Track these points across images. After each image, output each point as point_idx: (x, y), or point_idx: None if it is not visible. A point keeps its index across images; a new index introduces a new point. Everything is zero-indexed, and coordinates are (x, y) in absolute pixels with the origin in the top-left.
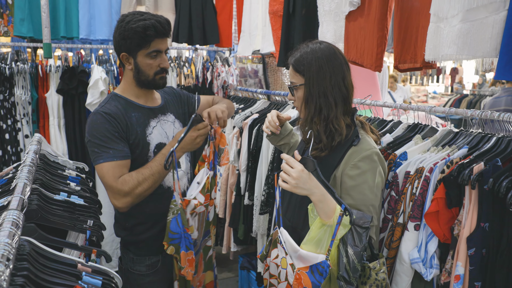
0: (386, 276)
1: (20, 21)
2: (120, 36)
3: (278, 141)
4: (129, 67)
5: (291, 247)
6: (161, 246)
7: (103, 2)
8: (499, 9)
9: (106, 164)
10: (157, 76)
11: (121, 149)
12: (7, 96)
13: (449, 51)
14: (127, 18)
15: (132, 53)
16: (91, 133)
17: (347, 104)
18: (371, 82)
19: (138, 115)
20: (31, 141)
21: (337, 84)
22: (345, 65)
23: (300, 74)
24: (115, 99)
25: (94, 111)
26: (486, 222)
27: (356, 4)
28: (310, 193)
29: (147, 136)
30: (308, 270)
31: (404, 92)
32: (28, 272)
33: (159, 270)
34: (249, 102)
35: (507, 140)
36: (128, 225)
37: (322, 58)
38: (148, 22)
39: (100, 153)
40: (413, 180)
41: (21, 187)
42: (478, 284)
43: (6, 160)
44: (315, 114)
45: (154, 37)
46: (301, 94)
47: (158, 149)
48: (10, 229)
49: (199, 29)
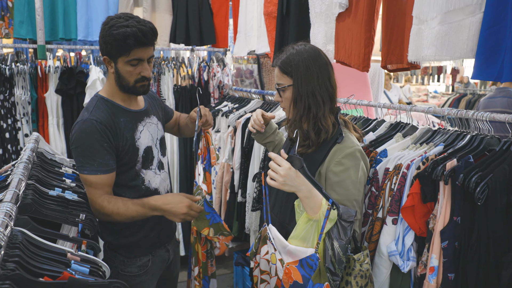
0: (369, 267)
1: (19, 23)
2: (102, 39)
3: (264, 139)
4: (111, 71)
5: (280, 243)
6: (151, 246)
7: (101, 4)
8: (475, 12)
9: (90, 177)
10: (137, 84)
11: (105, 162)
12: (7, 96)
13: (429, 52)
14: (111, 22)
15: (113, 58)
16: (79, 141)
17: (333, 102)
18: (362, 82)
19: (126, 120)
20: (29, 139)
21: (324, 83)
22: (329, 64)
23: (288, 76)
24: (103, 103)
25: (85, 118)
26: (458, 216)
27: (344, 6)
28: (297, 190)
29: (136, 141)
30: (298, 264)
31: (399, 91)
32: (19, 258)
33: (150, 269)
34: (243, 102)
35: (480, 137)
36: (117, 228)
37: (309, 59)
38: (129, 30)
39: (84, 163)
40: (391, 176)
41: (16, 182)
42: (451, 275)
43: (6, 159)
44: (303, 113)
45: (134, 47)
46: (288, 95)
47: (146, 153)
48: (3, 219)
49: (196, 30)
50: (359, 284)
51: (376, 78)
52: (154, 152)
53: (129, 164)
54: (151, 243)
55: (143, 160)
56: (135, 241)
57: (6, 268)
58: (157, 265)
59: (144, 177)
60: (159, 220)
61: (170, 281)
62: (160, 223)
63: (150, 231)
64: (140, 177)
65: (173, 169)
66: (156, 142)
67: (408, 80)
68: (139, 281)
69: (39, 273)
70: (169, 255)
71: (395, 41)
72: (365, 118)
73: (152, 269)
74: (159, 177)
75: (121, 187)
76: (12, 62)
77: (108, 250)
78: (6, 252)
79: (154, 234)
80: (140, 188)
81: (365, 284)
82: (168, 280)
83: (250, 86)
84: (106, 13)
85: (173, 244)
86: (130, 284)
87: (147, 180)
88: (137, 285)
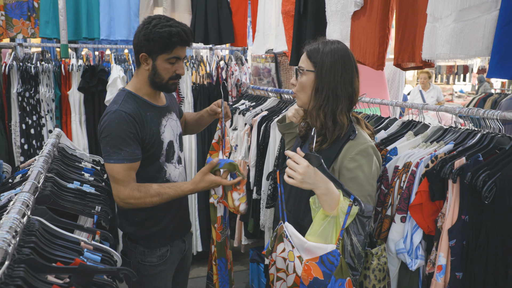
0: (386, 260)
1: (45, 23)
2: (145, 37)
3: (289, 129)
4: (146, 68)
5: (298, 240)
6: (170, 237)
7: (122, 4)
8: (491, 9)
9: (116, 165)
10: (170, 81)
11: (132, 152)
12: (33, 93)
13: (443, 50)
14: (154, 21)
15: (153, 55)
16: (108, 131)
17: (351, 103)
18: (379, 82)
19: (152, 114)
20: (51, 135)
21: (345, 82)
22: (355, 68)
23: (312, 62)
24: (131, 97)
25: (114, 109)
26: (466, 214)
27: (360, 4)
28: (315, 187)
29: (161, 135)
30: (318, 261)
31: (438, 92)
32: (34, 245)
33: (168, 259)
34: (260, 100)
35: (490, 136)
36: (138, 220)
37: (338, 55)
38: (175, 29)
39: (111, 153)
40: (401, 174)
41: (35, 174)
42: (459, 274)
43: (31, 154)
44: (322, 104)
45: (178, 44)
46: (305, 81)
47: (169, 147)
48: (20, 207)
49: (214, 29)
50: (377, 278)
51: (397, 77)
52: (175, 146)
53: (154, 157)
54: (170, 234)
55: (166, 154)
56: (155, 232)
57: (22, 253)
58: (175, 255)
59: (166, 170)
60: (177, 212)
61: (184, 271)
62: (178, 215)
63: (169, 222)
64: (163, 170)
65: (191, 165)
66: (176, 137)
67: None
68: (159, 271)
69: (52, 259)
70: (185, 246)
71: (407, 39)
72: (378, 117)
73: (171, 259)
74: (178, 171)
75: (145, 179)
76: (38, 61)
77: (128, 241)
78: (22, 238)
79: (173, 225)
80: (162, 181)
81: (383, 278)
82: (182, 270)
83: (268, 85)
84: (127, 13)
85: (189, 236)
86: (150, 274)
87: (168, 173)
88: (157, 274)
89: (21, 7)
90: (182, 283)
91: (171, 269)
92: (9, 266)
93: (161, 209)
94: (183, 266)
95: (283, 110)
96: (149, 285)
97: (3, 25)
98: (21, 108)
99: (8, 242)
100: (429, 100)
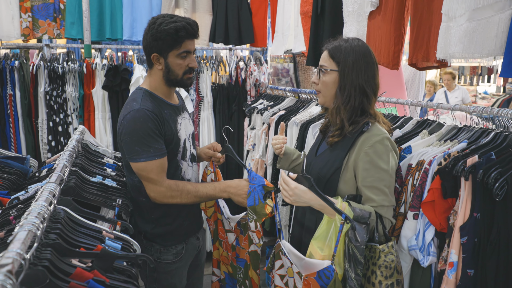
0: (395, 258)
1: (70, 24)
2: (152, 37)
3: (290, 165)
4: (159, 67)
5: (296, 257)
6: (184, 234)
7: (145, 6)
8: (504, 8)
9: (149, 163)
10: (185, 75)
11: (160, 147)
12: (60, 92)
13: (456, 49)
14: (158, 21)
15: (164, 53)
16: (134, 130)
17: (372, 101)
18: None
19: (169, 112)
20: (75, 132)
21: (367, 80)
22: (376, 65)
23: (334, 61)
24: (149, 95)
25: (137, 108)
26: (478, 212)
27: (376, 4)
28: (309, 204)
29: (178, 132)
30: (316, 276)
31: (463, 93)
32: (60, 231)
33: (184, 256)
34: (278, 100)
35: (503, 135)
36: (154, 217)
37: (359, 53)
38: (179, 24)
39: (140, 152)
40: (414, 172)
41: (60, 167)
42: (470, 271)
43: (58, 150)
44: (344, 102)
45: (185, 38)
46: (327, 79)
47: (184, 145)
48: (47, 196)
49: (235, 29)
50: (383, 274)
51: (417, 79)
52: (187, 144)
53: (172, 154)
54: (184, 231)
55: (183, 151)
56: (171, 230)
57: (49, 238)
58: (190, 252)
59: (182, 168)
60: (191, 210)
61: (199, 267)
62: (192, 212)
63: (184, 220)
64: (180, 167)
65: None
66: (189, 136)
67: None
68: (174, 268)
69: (76, 245)
70: (199, 243)
71: (421, 38)
72: (393, 116)
73: (186, 256)
74: (191, 169)
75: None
76: (64, 61)
77: (144, 240)
78: (49, 225)
79: (188, 223)
80: (178, 178)
81: (390, 275)
82: (197, 266)
83: (286, 85)
84: (149, 14)
85: (202, 232)
86: (166, 271)
87: (183, 171)
88: (173, 271)
89: (47, 9)
90: (198, 278)
91: (186, 265)
92: (37, 249)
93: (176, 206)
94: (198, 262)
95: (300, 110)
96: (165, 282)
97: (29, 26)
98: (49, 106)
99: (37, 226)
100: (453, 100)
